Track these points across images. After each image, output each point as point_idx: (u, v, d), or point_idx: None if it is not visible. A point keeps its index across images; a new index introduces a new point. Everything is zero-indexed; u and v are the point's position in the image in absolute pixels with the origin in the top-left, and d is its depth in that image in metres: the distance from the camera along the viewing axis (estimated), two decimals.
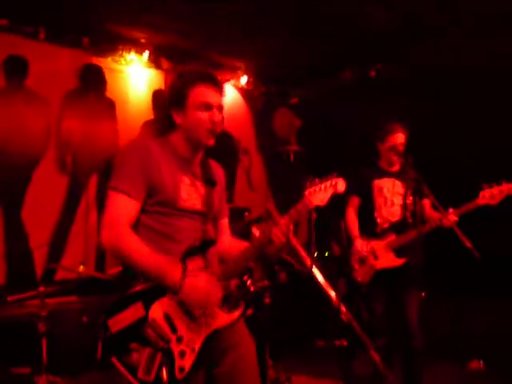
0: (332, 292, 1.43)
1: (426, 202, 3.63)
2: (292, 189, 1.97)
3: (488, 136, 4.50)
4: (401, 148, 3.58)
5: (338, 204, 3.73)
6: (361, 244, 3.67)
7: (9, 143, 4.12)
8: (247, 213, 4.02)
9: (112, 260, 4.34)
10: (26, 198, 4.19)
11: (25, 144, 4.22)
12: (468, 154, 4.48)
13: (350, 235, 3.79)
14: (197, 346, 1.75)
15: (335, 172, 1.94)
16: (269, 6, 4.09)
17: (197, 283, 1.76)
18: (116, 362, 1.71)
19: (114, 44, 4.77)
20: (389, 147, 3.60)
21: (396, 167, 3.74)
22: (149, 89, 5.08)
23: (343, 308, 1.39)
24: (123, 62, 4.86)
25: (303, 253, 1.49)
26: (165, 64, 5.12)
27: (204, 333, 1.78)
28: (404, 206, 3.62)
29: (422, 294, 3.18)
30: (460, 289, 4.34)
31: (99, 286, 3.29)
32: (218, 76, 1.99)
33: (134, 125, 4.79)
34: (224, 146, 1.92)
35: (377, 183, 3.71)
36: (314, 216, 1.82)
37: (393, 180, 3.70)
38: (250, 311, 3.51)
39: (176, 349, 1.73)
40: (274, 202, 1.89)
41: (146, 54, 4.94)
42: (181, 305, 1.78)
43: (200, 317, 1.78)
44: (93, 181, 4.60)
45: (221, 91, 1.96)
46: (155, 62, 5.07)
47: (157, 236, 1.85)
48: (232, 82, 5.75)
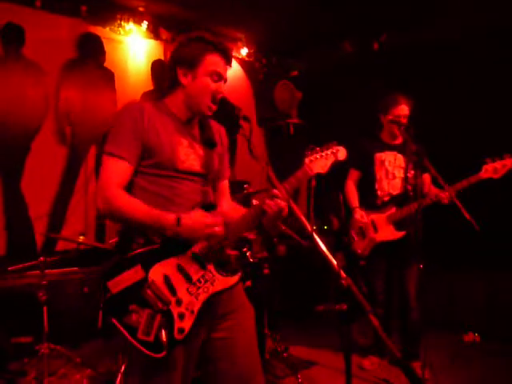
0: (332, 258, 1.43)
1: (427, 177, 3.63)
2: (292, 162, 1.95)
3: (492, 110, 4.44)
4: (404, 120, 3.54)
5: (337, 178, 3.73)
6: (360, 213, 3.68)
7: (7, 113, 4.08)
8: (247, 185, 4.02)
9: (112, 230, 4.36)
10: (26, 169, 4.17)
11: (23, 114, 4.19)
12: (472, 128, 4.43)
13: (350, 206, 3.79)
14: (196, 309, 1.77)
15: (336, 141, 1.92)
16: None
17: (194, 216, 1.77)
18: (116, 323, 1.72)
19: (113, 13, 4.69)
20: (392, 119, 3.56)
21: (398, 140, 3.71)
22: (148, 59, 5.01)
23: (343, 273, 1.40)
24: (122, 32, 4.78)
25: (303, 219, 1.49)
26: (164, 34, 5.04)
27: (203, 296, 1.79)
28: (405, 180, 3.62)
29: (420, 266, 3.19)
30: (458, 260, 4.36)
31: (100, 257, 3.30)
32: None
33: (133, 95, 4.74)
34: (224, 114, 1.88)
35: (378, 156, 3.70)
36: (314, 183, 1.80)
37: (394, 153, 3.68)
38: (249, 282, 3.54)
39: (175, 311, 1.75)
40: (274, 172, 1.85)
41: (145, 24, 4.87)
42: (180, 268, 1.79)
43: (198, 280, 1.79)
44: (92, 152, 4.57)
45: (229, 66, 1.96)
46: (154, 33, 5.00)
47: (155, 199, 1.84)
48: (232, 54, 5.67)
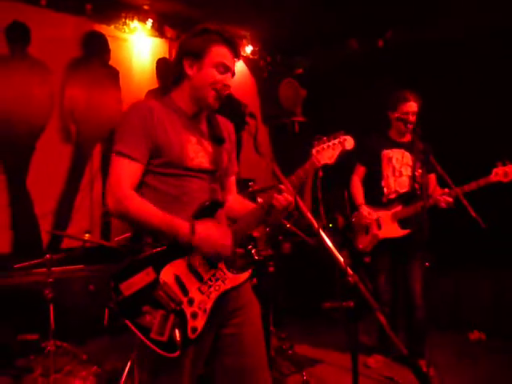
0: (339, 254, 1.43)
1: (433, 177, 3.60)
2: (297, 160, 1.93)
3: (501, 108, 4.38)
4: (412, 117, 3.52)
5: (341, 175, 3.71)
6: (368, 211, 3.66)
7: (12, 112, 4.09)
8: (252, 183, 4.01)
9: (117, 229, 4.37)
10: (31, 167, 4.19)
11: (28, 113, 4.20)
12: (483, 130, 4.36)
13: (355, 202, 3.77)
14: (208, 307, 1.77)
15: (343, 130, 1.88)
16: None
17: (208, 228, 1.76)
18: (130, 324, 1.73)
19: (117, 11, 4.70)
20: (400, 116, 3.54)
21: (406, 138, 3.69)
22: (153, 57, 5.01)
23: (350, 270, 1.39)
24: (127, 30, 4.79)
25: (309, 214, 1.48)
26: (169, 32, 5.05)
27: (214, 294, 1.80)
28: (413, 178, 3.59)
29: (426, 264, 3.18)
30: (464, 259, 4.34)
31: (105, 255, 3.30)
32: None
33: (138, 94, 4.74)
34: (230, 111, 1.87)
35: (386, 153, 3.68)
36: (321, 174, 1.78)
37: (402, 151, 3.66)
38: (254, 280, 3.54)
39: (188, 310, 1.76)
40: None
41: (150, 22, 4.88)
42: (191, 268, 1.79)
43: (209, 279, 1.80)
44: (97, 150, 4.58)
45: (237, 58, 1.93)
46: (159, 31, 5.01)
47: (164, 198, 1.83)
48: (240, 46, 5.66)
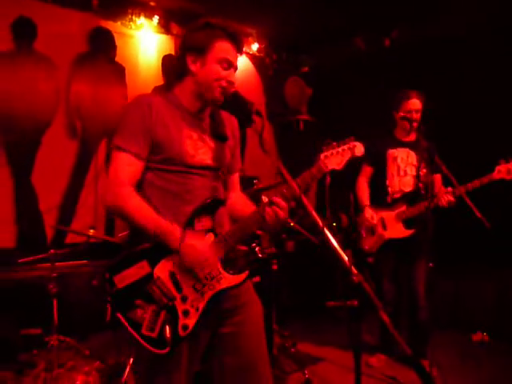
0: (343, 253, 1.42)
1: (438, 177, 3.59)
2: (301, 158, 1.91)
3: (507, 109, 4.37)
4: (416, 115, 3.50)
5: (346, 175, 3.69)
6: (371, 214, 3.66)
7: (18, 107, 4.10)
8: (257, 181, 4.00)
9: (121, 224, 4.37)
10: (36, 163, 4.20)
11: (34, 108, 4.21)
12: (486, 127, 4.35)
13: (360, 203, 3.76)
14: (201, 306, 1.75)
15: (353, 136, 1.82)
16: None
17: (194, 246, 1.74)
18: (121, 318, 1.73)
19: (124, 7, 4.70)
20: (404, 114, 3.53)
21: (411, 137, 3.67)
22: (159, 54, 5.01)
23: (354, 269, 1.39)
24: (133, 27, 4.79)
25: (315, 214, 1.48)
26: (175, 29, 5.04)
27: (209, 293, 1.77)
28: (417, 177, 3.58)
29: (431, 265, 3.16)
30: (467, 259, 4.32)
31: (109, 250, 3.31)
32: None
33: (144, 90, 4.71)
34: (236, 108, 1.86)
35: (391, 152, 3.67)
36: (329, 180, 1.74)
37: (407, 150, 3.65)
38: (258, 278, 3.54)
39: (180, 307, 1.74)
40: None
41: (156, 19, 4.87)
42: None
43: (205, 277, 1.77)
44: (102, 146, 4.59)
45: (240, 53, 1.92)
46: (165, 27, 5.00)
47: (164, 195, 1.81)
48: (243, 41, 5.65)
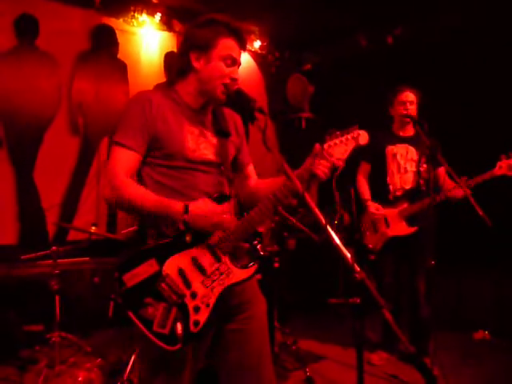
0: (345, 250, 1.42)
1: (441, 171, 3.57)
2: (304, 157, 1.90)
3: (509, 106, 4.36)
4: (410, 106, 3.54)
5: (348, 172, 3.69)
6: (375, 206, 3.64)
7: (20, 104, 4.11)
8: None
9: (123, 221, 4.38)
10: (38, 160, 4.21)
11: (36, 105, 4.21)
12: (487, 124, 4.35)
13: (362, 199, 3.76)
14: (211, 302, 1.75)
15: (357, 124, 1.78)
16: None
17: (200, 203, 1.76)
18: (132, 316, 1.73)
19: (126, 4, 4.70)
20: (398, 108, 3.58)
21: (409, 132, 3.68)
22: (161, 51, 5.01)
23: (357, 267, 1.39)
24: (135, 24, 4.79)
25: (317, 210, 1.47)
26: (177, 26, 5.03)
27: (218, 288, 1.77)
28: (418, 174, 3.58)
29: (432, 263, 3.16)
30: (468, 257, 4.31)
31: (111, 247, 3.32)
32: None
33: (146, 87, 4.71)
34: (239, 105, 1.85)
35: (390, 149, 3.67)
36: (338, 172, 1.71)
37: (406, 146, 3.65)
38: (259, 276, 3.54)
39: (190, 304, 1.74)
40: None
41: (158, 16, 4.87)
42: (195, 261, 1.78)
43: (214, 273, 1.78)
44: (104, 143, 4.59)
45: (244, 50, 1.93)
46: (167, 24, 4.99)
47: (165, 191, 1.82)
48: (246, 37, 5.65)
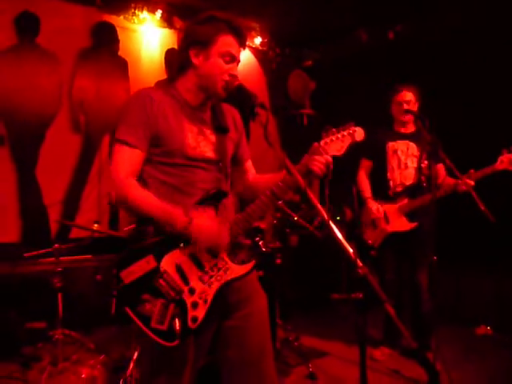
0: (348, 246, 1.42)
1: (441, 167, 3.59)
2: (305, 153, 1.90)
3: (509, 104, 4.36)
4: (407, 106, 3.56)
5: (350, 168, 3.71)
6: (376, 206, 3.66)
7: (22, 102, 4.11)
8: None
9: (125, 219, 4.39)
10: (40, 157, 4.22)
11: (38, 103, 4.22)
12: (488, 119, 4.35)
13: (363, 196, 3.77)
14: (209, 298, 1.75)
15: (352, 121, 1.82)
16: None
17: (204, 221, 1.75)
18: (129, 312, 1.74)
19: (127, 2, 4.69)
20: (397, 107, 3.61)
21: (410, 129, 3.69)
22: (161, 48, 5.01)
23: (359, 262, 1.39)
24: (136, 21, 4.79)
25: (319, 206, 1.47)
26: (178, 23, 5.02)
27: (216, 284, 1.77)
28: (419, 170, 3.59)
29: (434, 258, 3.16)
30: (468, 253, 4.31)
31: (113, 245, 3.32)
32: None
33: (147, 84, 4.61)
34: (240, 101, 1.85)
35: (391, 145, 3.68)
36: (331, 167, 1.73)
37: (407, 142, 3.66)
38: (261, 272, 3.54)
39: (188, 300, 1.74)
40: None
41: (159, 13, 4.87)
42: (192, 257, 1.78)
43: (211, 269, 1.78)
44: (106, 140, 4.60)
45: (243, 48, 1.93)
46: (168, 21, 4.98)
47: (165, 188, 1.82)
48: (246, 34, 5.64)
